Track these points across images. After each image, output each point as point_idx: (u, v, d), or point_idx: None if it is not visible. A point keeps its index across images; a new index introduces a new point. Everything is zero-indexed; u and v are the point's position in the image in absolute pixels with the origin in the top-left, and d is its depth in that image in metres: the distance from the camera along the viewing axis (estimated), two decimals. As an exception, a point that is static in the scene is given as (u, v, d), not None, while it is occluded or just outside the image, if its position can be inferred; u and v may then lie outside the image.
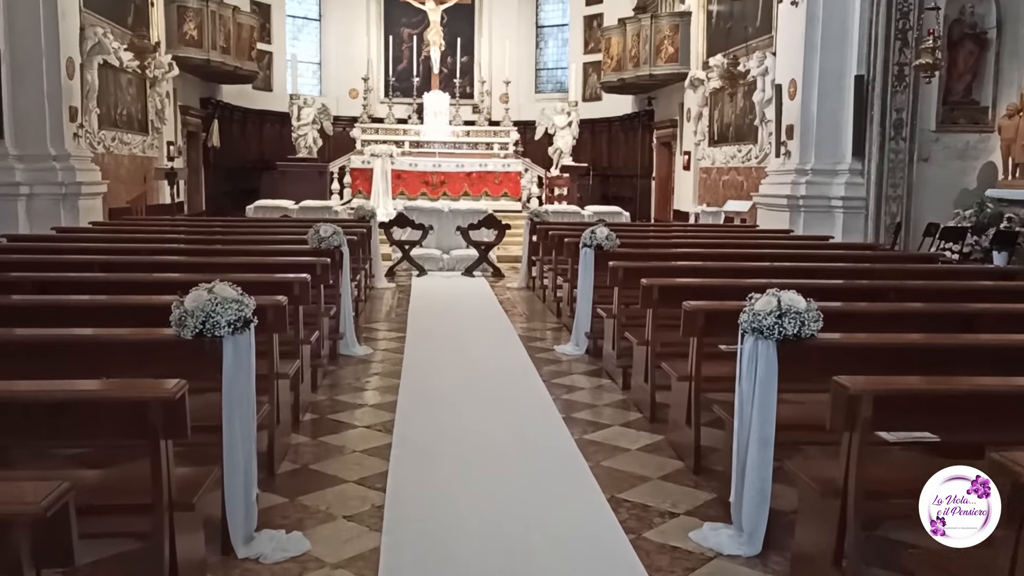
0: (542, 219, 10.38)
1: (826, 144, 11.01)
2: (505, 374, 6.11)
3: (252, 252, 6.44)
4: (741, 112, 13.77)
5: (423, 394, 5.48)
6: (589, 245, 6.61)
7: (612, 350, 5.93)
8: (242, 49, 16.89)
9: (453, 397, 5.41)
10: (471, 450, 4.42)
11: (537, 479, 4.02)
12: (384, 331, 7.68)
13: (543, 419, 4.98)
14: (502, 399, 5.42)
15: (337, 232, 6.45)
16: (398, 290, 10.24)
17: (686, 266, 6.08)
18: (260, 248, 6.68)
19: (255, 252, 6.43)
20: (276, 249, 6.67)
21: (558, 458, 4.32)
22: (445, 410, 5.11)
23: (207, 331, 3.02)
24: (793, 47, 11.32)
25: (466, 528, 3.43)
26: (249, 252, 6.44)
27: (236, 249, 6.70)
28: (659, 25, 16.18)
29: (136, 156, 13.96)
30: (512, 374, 6.10)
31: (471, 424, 4.85)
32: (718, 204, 14.39)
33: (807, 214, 11.08)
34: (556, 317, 8.42)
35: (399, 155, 16.03)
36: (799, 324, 3.15)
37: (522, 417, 5.01)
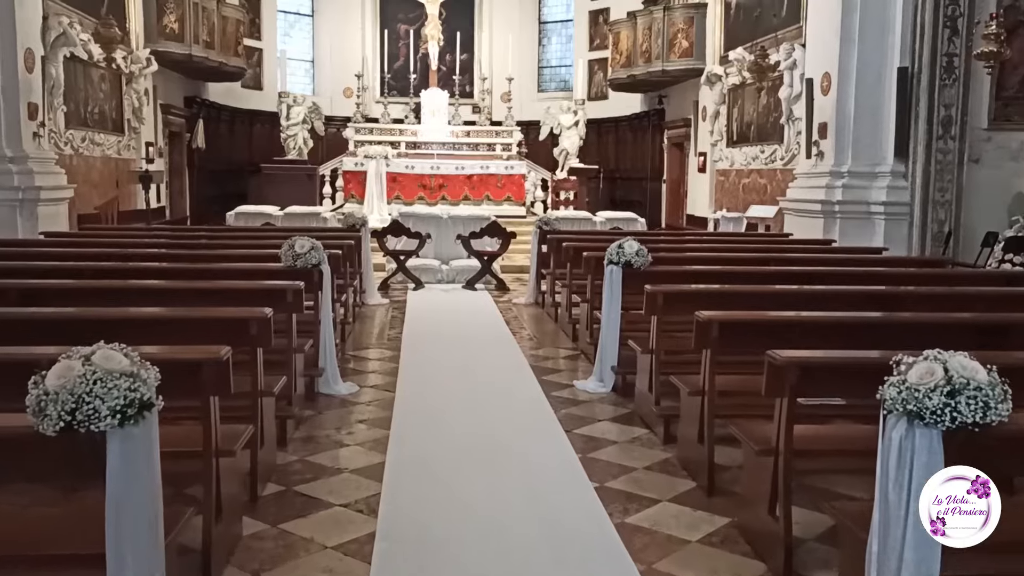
0: (552, 227, 9.32)
1: (865, 144, 10.00)
2: (518, 422, 5.04)
3: (211, 274, 5.37)
4: (764, 109, 12.72)
5: (417, 454, 4.41)
6: (616, 262, 5.55)
7: (648, 392, 4.87)
8: (227, 44, 15.83)
9: (454, 460, 4.35)
10: (480, 540, 3.36)
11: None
12: (374, 360, 6.62)
13: (571, 493, 3.90)
14: (516, 460, 4.35)
15: (316, 248, 5.39)
16: (392, 307, 9.18)
17: (746, 292, 4.94)
18: (223, 268, 5.60)
19: (214, 274, 5.36)
20: (243, 269, 5.59)
21: (598, 559, 3.25)
22: (445, 479, 4.04)
23: (80, 423, 1.97)
24: (826, 37, 10.28)
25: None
26: (207, 274, 5.38)
27: (192, 270, 5.63)
28: (672, 18, 15.13)
29: (110, 158, 12.90)
30: (526, 421, 5.03)
31: (479, 501, 3.78)
32: (739, 209, 13.34)
33: (844, 221, 10.05)
34: (572, 341, 7.36)
35: (395, 156, 14.98)
36: (981, 407, 2.09)
37: (545, 490, 3.92)
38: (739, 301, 4.52)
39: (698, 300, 4.29)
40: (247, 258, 6.19)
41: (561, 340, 7.49)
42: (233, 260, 6.01)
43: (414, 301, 9.52)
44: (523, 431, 4.83)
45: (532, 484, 3.99)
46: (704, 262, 6.58)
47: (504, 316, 8.61)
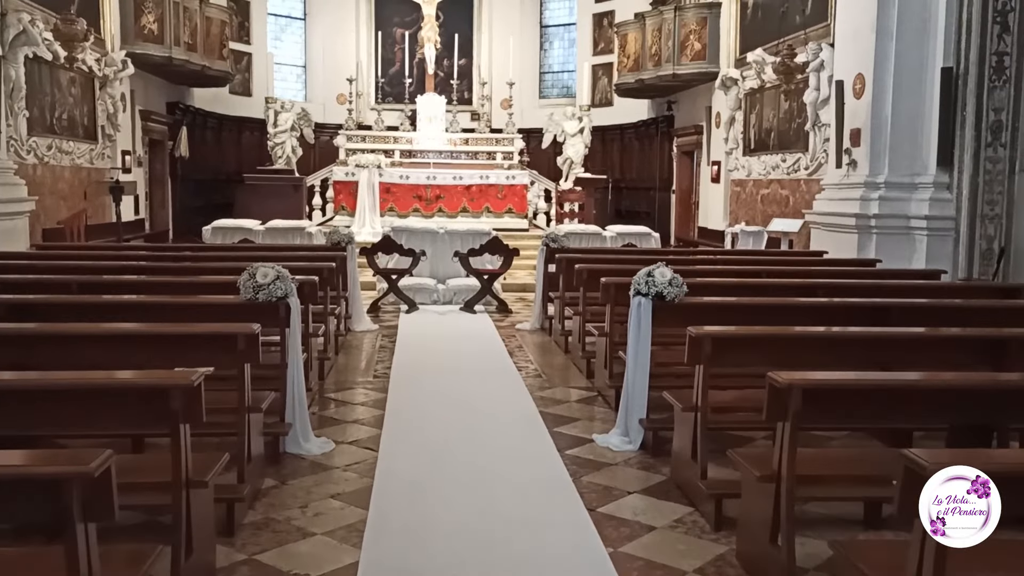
0: (560, 244, 8.37)
1: (903, 152, 9.10)
2: (529, 497, 4.05)
3: (157, 309, 4.42)
4: (786, 115, 11.81)
5: (401, 552, 3.45)
6: (645, 294, 4.59)
7: (692, 459, 3.91)
8: (211, 46, 14.91)
9: (448, 559, 3.39)
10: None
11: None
12: (358, 404, 5.66)
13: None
14: (528, 559, 3.39)
15: (282, 277, 4.43)
16: (381, 333, 8.21)
17: (821, 336, 3.87)
18: (165, 303, 4.62)
19: (152, 311, 4.39)
20: (192, 304, 4.62)
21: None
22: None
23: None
24: (860, 35, 9.38)
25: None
26: (153, 308, 4.42)
27: (135, 303, 4.66)
28: (684, 18, 14.22)
29: (81, 167, 11.96)
30: (540, 498, 4.04)
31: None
32: (758, 222, 12.41)
33: (880, 237, 9.13)
34: (586, 378, 6.39)
35: (388, 166, 14.03)
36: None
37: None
38: (812, 349, 3.57)
39: (758, 347, 3.35)
40: (205, 287, 5.23)
41: (573, 376, 6.53)
42: (184, 292, 5.04)
43: (406, 327, 8.55)
44: (536, 514, 3.85)
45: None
46: (746, 290, 5.59)
47: (507, 345, 7.65)
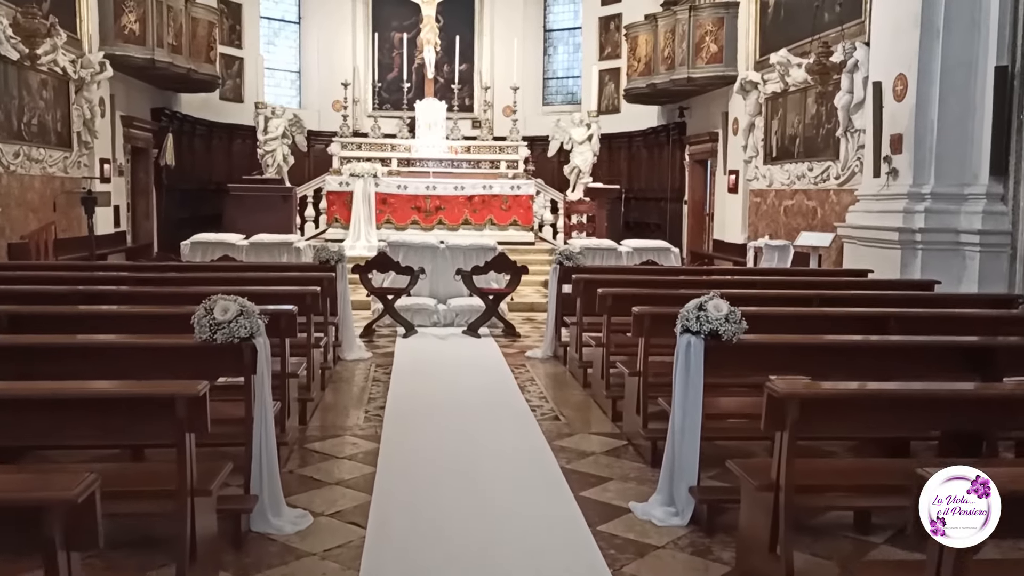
0: (576, 262, 7.50)
1: (951, 159, 8.28)
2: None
3: (80, 354, 3.54)
4: (814, 120, 10.97)
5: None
6: (695, 332, 3.72)
7: (770, 552, 3.03)
8: (198, 49, 14.06)
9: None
10: None
11: None
12: (344, 457, 4.76)
13: None
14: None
15: (246, 313, 3.55)
16: (375, 362, 7.33)
17: (946, 395, 3.02)
18: (110, 344, 3.74)
19: (89, 353, 3.52)
20: (138, 345, 3.74)
21: None
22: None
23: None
24: (901, 32, 8.55)
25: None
26: (74, 352, 3.54)
27: (49, 346, 3.74)
28: (699, 19, 13.39)
29: (53, 176, 11.10)
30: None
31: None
32: (781, 235, 11.56)
33: (926, 253, 8.28)
34: (611, 421, 5.51)
35: (385, 175, 13.18)
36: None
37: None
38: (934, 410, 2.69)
39: (862, 410, 2.47)
40: (160, 322, 4.33)
41: (596, 419, 5.63)
42: (132, 327, 4.15)
43: (403, 353, 7.67)
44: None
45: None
46: (806, 323, 4.68)
47: (517, 378, 6.76)
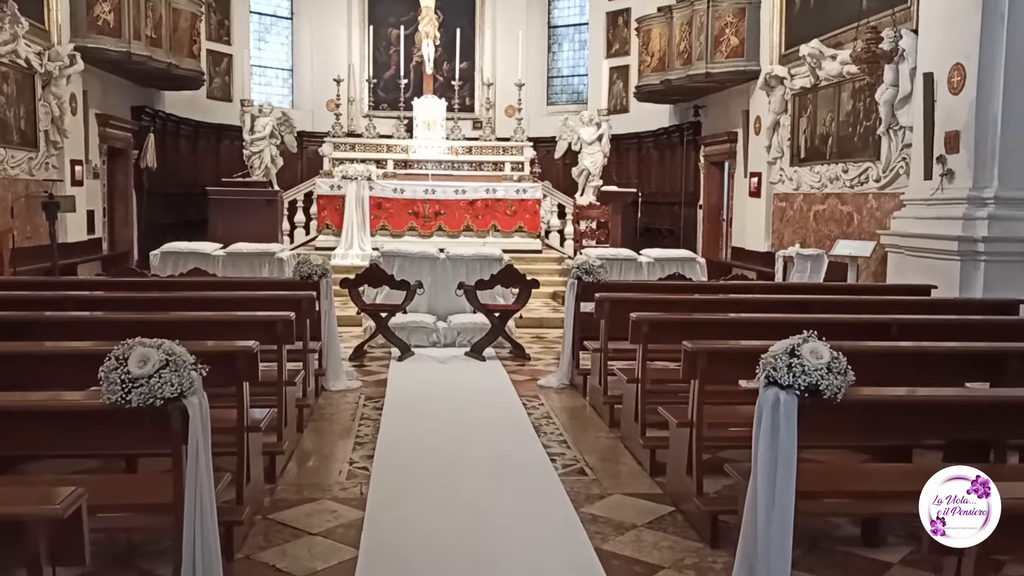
0: (596, 277, 6.51)
1: (1017, 159, 7.35)
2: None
3: None
4: (849, 117, 10.02)
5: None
6: (785, 385, 2.74)
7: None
8: (179, 42, 13.10)
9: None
10: None
11: None
12: (318, 535, 3.75)
13: None
14: None
15: (174, 364, 2.57)
16: (364, 393, 6.34)
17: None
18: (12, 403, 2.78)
19: None
20: (25, 407, 2.76)
21: None
22: None
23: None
24: (957, 18, 7.62)
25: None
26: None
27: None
28: (719, 10, 12.43)
29: (16, 179, 10.14)
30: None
31: None
32: (811, 243, 10.60)
33: (990, 265, 7.33)
34: (649, 476, 4.51)
35: (380, 178, 12.22)
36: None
37: None
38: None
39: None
40: (92, 363, 3.34)
41: (629, 471, 4.62)
42: (31, 374, 3.17)
43: (398, 381, 6.68)
44: None
45: None
46: (902, 362, 3.70)
47: (531, 413, 5.77)
